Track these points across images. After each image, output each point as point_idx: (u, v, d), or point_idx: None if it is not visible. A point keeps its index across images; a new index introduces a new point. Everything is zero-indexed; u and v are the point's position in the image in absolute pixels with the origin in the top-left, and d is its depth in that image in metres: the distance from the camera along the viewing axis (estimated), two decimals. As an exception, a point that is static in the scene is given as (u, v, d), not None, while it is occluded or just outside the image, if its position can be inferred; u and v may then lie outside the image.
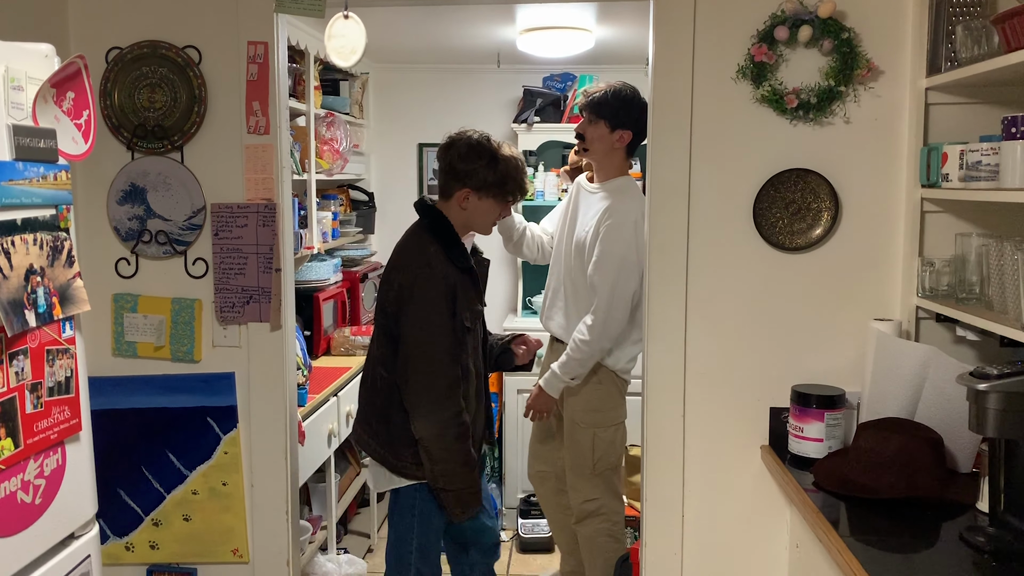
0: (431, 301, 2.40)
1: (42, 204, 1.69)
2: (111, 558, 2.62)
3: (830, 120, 2.43)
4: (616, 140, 2.94)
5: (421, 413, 2.41)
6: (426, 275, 2.41)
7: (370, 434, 2.54)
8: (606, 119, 2.91)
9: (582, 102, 3.00)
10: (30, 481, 1.66)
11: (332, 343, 3.90)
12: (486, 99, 4.63)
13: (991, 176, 1.92)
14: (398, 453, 2.48)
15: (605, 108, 2.92)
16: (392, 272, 2.49)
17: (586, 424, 3.02)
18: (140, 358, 2.60)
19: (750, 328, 2.51)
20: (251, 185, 2.53)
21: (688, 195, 2.47)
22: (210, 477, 2.62)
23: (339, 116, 3.93)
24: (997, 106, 2.31)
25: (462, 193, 2.52)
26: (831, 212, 2.44)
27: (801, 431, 2.37)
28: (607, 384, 3.02)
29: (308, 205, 3.60)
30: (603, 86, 2.97)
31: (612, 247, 2.88)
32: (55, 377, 1.73)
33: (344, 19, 2.55)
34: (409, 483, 2.51)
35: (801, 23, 2.37)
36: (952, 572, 1.79)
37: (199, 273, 2.57)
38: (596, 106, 2.93)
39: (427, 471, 2.45)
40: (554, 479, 3.28)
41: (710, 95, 2.44)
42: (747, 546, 2.56)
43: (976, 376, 1.84)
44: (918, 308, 2.37)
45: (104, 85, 2.50)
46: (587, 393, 3.02)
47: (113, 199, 2.55)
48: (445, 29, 3.68)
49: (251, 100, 2.50)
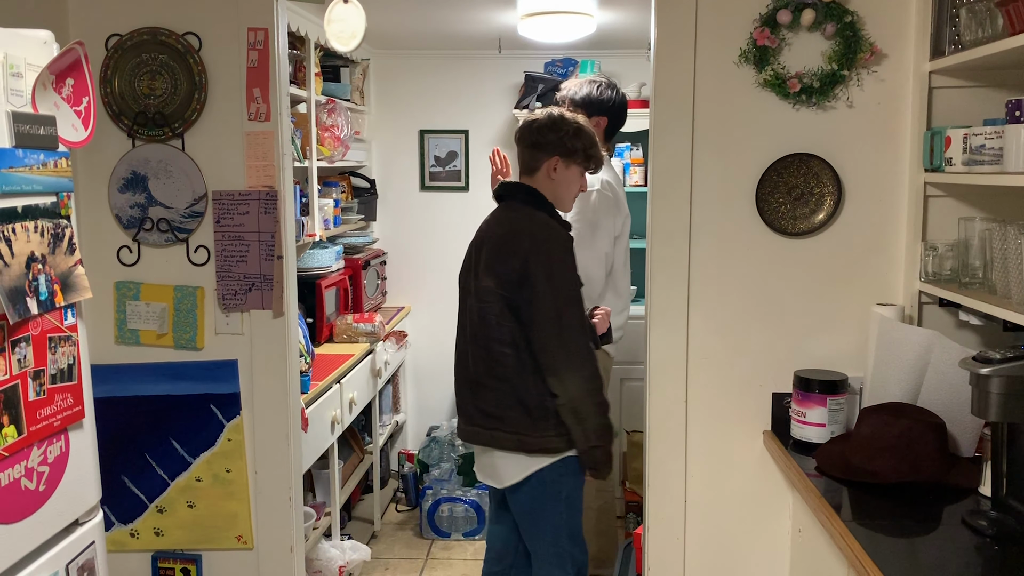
0: (560, 258, 2.42)
1: (43, 191, 1.69)
2: (116, 545, 2.63)
3: (833, 104, 2.42)
4: (593, 126, 3.01)
5: (568, 372, 2.38)
6: (547, 235, 2.44)
7: (496, 426, 2.46)
8: (583, 108, 3.14)
9: (560, 96, 3.25)
10: (33, 468, 1.67)
11: (334, 330, 3.90)
12: (487, 85, 4.61)
13: (994, 160, 1.92)
14: (541, 430, 2.42)
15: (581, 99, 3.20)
16: (507, 243, 2.44)
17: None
18: (143, 346, 2.61)
19: (752, 313, 2.50)
20: (252, 172, 2.52)
21: (690, 180, 2.47)
22: (214, 464, 2.63)
23: (340, 103, 3.91)
24: (1001, 89, 2.30)
25: (551, 162, 2.53)
26: (834, 197, 2.43)
27: (803, 416, 2.38)
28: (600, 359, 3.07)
29: (309, 192, 3.59)
30: (579, 82, 3.24)
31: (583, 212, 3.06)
32: (57, 364, 1.73)
33: (344, 3, 2.54)
34: (552, 460, 2.44)
35: (804, 6, 2.35)
36: (954, 556, 1.79)
37: (201, 261, 2.57)
38: (572, 100, 3.20)
39: (578, 435, 2.41)
40: None
41: (712, 80, 2.43)
42: (749, 531, 2.57)
43: (979, 360, 1.84)
44: (921, 293, 2.37)
45: (104, 72, 2.49)
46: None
47: (114, 187, 2.54)
48: (446, 15, 3.66)
49: (252, 87, 2.49)
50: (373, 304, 4.40)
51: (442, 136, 4.68)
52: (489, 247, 2.49)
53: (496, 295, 2.43)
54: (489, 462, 2.53)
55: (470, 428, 2.53)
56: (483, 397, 2.49)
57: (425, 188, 4.72)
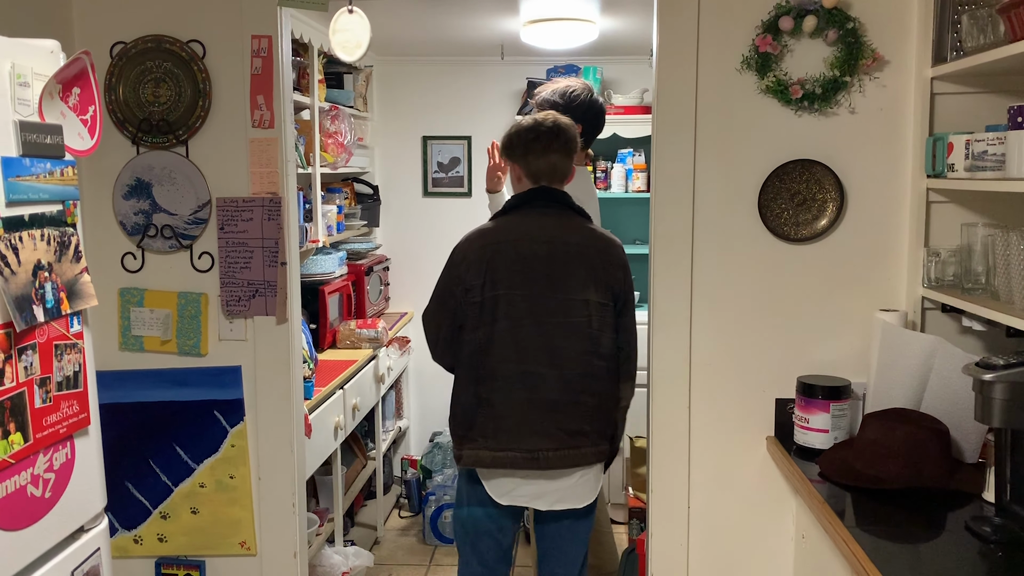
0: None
1: (49, 200, 1.69)
2: (120, 551, 2.63)
3: (835, 111, 2.42)
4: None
5: (633, 376, 2.51)
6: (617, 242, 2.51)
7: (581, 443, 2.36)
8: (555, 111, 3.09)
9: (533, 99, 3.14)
10: (40, 475, 1.67)
11: (338, 336, 3.91)
12: (490, 91, 4.63)
13: (997, 166, 1.92)
14: (608, 438, 2.45)
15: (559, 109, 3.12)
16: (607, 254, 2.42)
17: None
18: (147, 352, 2.61)
19: (755, 319, 2.51)
20: (256, 179, 2.53)
21: (693, 186, 2.47)
22: (217, 470, 2.63)
23: (343, 109, 3.93)
24: (1003, 95, 2.30)
25: (581, 155, 2.74)
26: (836, 203, 2.44)
27: (807, 422, 2.38)
28: None
29: (313, 199, 3.60)
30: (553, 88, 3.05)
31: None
32: (63, 372, 1.74)
33: (349, 13, 2.55)
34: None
35: (806, 13, 2.36)
36: (958, 562, 1.79)
37: (205, 267, 2.58)
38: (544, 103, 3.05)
39: (620, 435, 2.52)
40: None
41: (714, 86, 2.44)
42: (753, 537, 2.57)
43: (982, 366, 1.85)
44: (924, 298, 2.37)
45: (109, 80, 2.50)
46: None
47: (119, 194, 2.55)
48: (448, 21, 3.67)
49: (255, 94, 2.50)
50: (376, 310, 4.40)
51: (445, 142, 4.69)
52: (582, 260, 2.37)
53: (602, 307, 2.38)
54: (568, 483, 2.38)
55: (556, 453, 2.34)
56: (569, 415, 2.35)
57: (428, 194, 4.73)
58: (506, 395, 2.34)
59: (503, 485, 2.38)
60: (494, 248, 2.38)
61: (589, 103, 3.02)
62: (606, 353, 2.38)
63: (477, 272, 2.37)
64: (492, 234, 2.43)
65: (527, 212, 2.44)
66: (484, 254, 2.38)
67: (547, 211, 2.43)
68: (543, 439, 2.33)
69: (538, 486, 2.38)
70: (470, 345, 2.38)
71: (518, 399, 2.34)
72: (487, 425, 2.35)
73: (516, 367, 2.34)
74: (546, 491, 2.38)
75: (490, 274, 2.36)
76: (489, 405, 2.35)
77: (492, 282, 2.36)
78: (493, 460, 2.35)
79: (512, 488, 2.38)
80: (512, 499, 2.39)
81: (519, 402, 2.34)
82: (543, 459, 2.33)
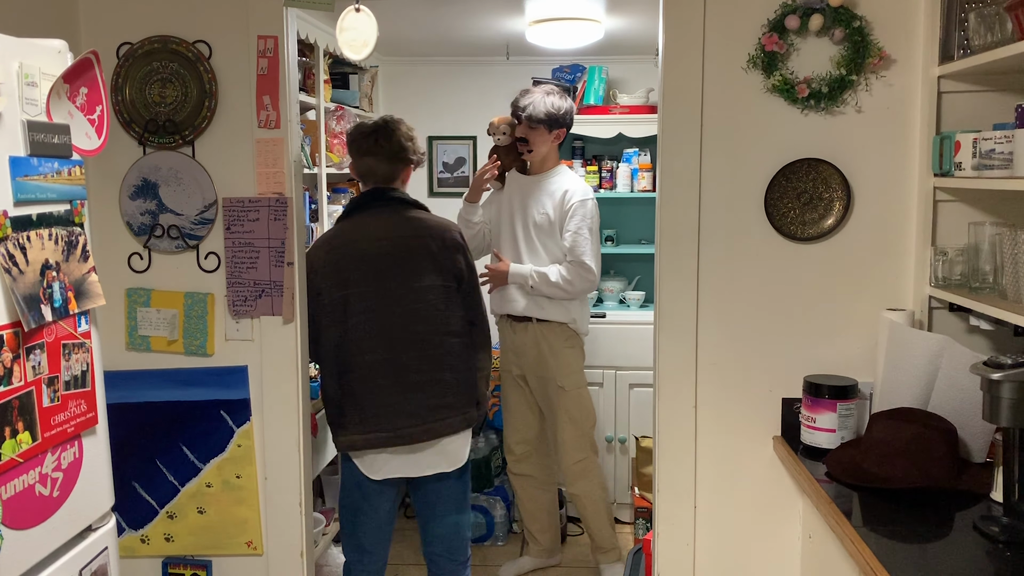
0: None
1: (57, 199, 1.70)
2: (127, 550, 2.64)
3: (842, 109, 2.42)
4: (553, 139, 3.43)
5: (488, 344, 2.78)
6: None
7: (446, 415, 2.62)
8: (545, 125, 3.36)
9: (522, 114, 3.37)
10: (48, 474, 1.68)
11: (343, 336, 3.90)
12: (495, 91, 4.61)
13: (1004, 164, 1.91)
14: (472, 404, 2.70)
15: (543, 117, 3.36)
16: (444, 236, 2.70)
17: (571, 386, 3.39)
18: (153, 352, 2.62)
19: (762, 318, 2.50)
20: (262, 179, 2.54)
21: (699, 185, 2.47)
22: (224, 470, 2.63)
23: (349, 109, 3.93)
24: (1010, 94, 2.30)
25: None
26: (843, 202, 2.43)
27: (813, 421, 2.37)
28: (578, 348, 3.46)
29: (319, 199, 3.61)
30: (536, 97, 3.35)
31: (587, 216, 3.35)
32: (71, 371, 1.74)
33: (356, 12, 2.55)
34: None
35: (812, 11, 2.36)
36: (966, 562, 1.79)
37: (211, 267, 2.58)
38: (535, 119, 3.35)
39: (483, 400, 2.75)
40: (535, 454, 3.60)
41: (720, 85, 2.44)
42: (759, 537, 2.56)
43: (990, 365, 1.84)
44: (931, 297, 2.37)
45: (115, 80, 2.51)
46: (568, 358, 3.40)
47: (125, 194, 2.56)
48: (454, 21, 3.68)
49: (261, 94, 2.51)
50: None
51: (450, 142, 4.70)
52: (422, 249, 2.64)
53: (446, 289, 2.65)
54: (436, 450, 2.64)
55: (420, 428, 2.59)
56: (430, 393, 2.61)
57: (433, 194, 4.73)
58: (366, 383, 2.58)
59: (375, 463, 2.62)
60: (339, 252, 2.64)
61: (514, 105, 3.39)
62: (458, 330, 2.66)
63: (325, 276, 2.62)
64: (336, 239, 2.70)
65: (364, 213, 2.71)
66: (331, 258, 2.63)
67: (382, 211, 2.70)
68: (407, 418, 2.59)
69: (406, 459, 2.63)
70: (329, 342, 2.62)
71: (380, 385, 2.58)
72: (353, 413, 2.60)
73: (373, 356, 2.58)
74: (415, 461, 2.64)
75: (338, 275, 2.61)
76: (352, 394, 2.60)
77: (342, 282, 2.61)
78: (364, 442, 2.60)
79: (383, 464, 2.62)
80: (384, 473, 2.63)
81: (381, 388, 2.58)
82: (407, 435, 2.59)
